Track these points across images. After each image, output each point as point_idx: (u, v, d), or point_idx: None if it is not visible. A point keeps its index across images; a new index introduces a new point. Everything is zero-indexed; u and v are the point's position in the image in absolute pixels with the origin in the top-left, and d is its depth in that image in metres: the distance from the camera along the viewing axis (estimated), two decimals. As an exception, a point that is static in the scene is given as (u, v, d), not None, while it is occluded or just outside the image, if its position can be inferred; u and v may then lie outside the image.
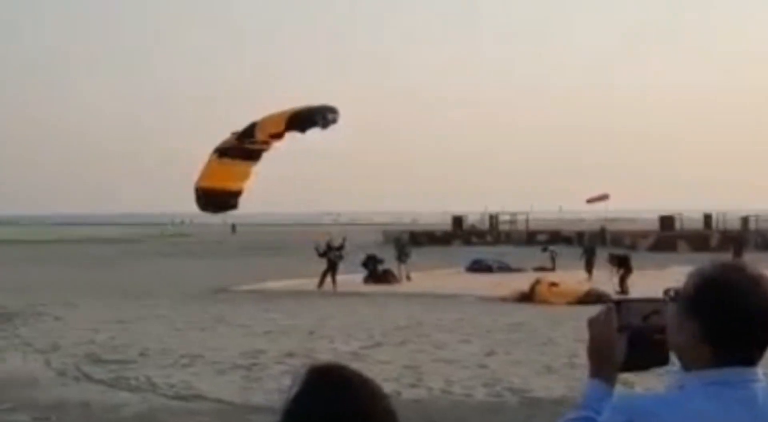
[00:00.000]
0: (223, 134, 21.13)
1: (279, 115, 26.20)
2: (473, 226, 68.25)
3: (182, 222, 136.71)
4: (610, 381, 2.11)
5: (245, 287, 29.57)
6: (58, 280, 33.62)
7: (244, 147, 27.09)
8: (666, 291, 2.11)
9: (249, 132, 27.37)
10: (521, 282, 28.03)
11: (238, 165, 27.46)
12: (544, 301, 23.85)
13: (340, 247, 30.11)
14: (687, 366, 2.03)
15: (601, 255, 31.39)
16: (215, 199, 27.26)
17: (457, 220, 66.70)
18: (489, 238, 61.75)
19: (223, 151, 27.32)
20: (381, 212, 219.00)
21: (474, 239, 61.32)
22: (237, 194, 27.79)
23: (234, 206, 27.71)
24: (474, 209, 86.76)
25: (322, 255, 29.92)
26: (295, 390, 1.73)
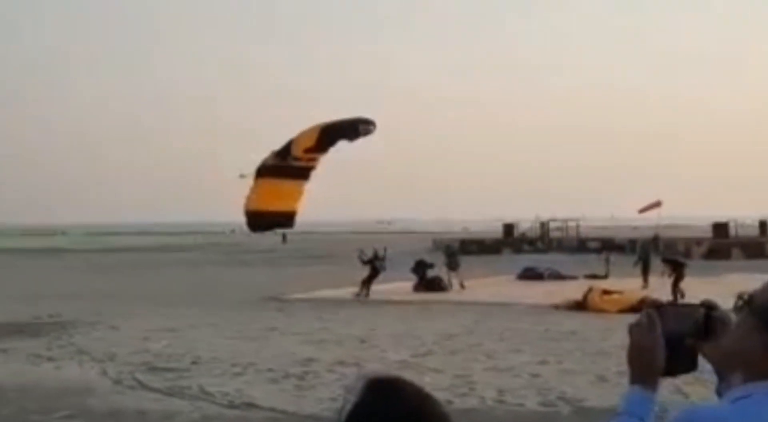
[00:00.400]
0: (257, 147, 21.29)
1: (312, 130, 26.54)
2: (524, 234, 67.89)
3: (233, 231, 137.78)
4: (652, 387, 2.08)
5: (297, 295, 29.71)
6: (112, 289, 34.06)
7: (289, 165, 27.45)
8: (739, 296, 2.07)
9: (286, 149, 27.77)
10: (573, 289, 27.82)
11: (286, 184, 27.79)
12: (597, 309, 23.63)
13: (383, 258, 30.30)
14: (751, 376, 1.99)
15: (655, 262, 31.08)
16: (266, 220, 27.60)
17: (508, 228, 66.40)
18: (540, 246, 61.39)
19: (266, 171, 27.64)
20: (432, 220, 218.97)
21: (525, 247, 61.01)
22: (290, 215, 28.15)
23: (287, 226, 28.01)
24: (525, 216, 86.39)
25: (366, 263, 30.07)
26: (352, 401, 1.74)
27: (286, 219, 27.45)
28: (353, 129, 27.22)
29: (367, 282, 29.59)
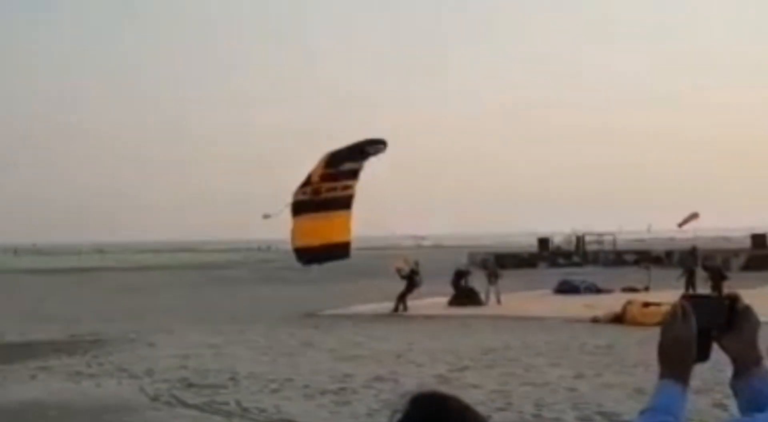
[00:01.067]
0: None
1: (321, 159, 27.24)
2: (559, 247, 67.60)
3: (268, 248, 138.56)
4: (684, 381, 2.00)
5: (333, 311, 29.75)
6: (150, 307, 34.29)
7: (326, 198, 27.90)
8: None
9: (307, 180, 28.37)
10: (610, 303, 27.63)
11: (331, 217, 28.26)
12: (636, 322, 23.44)
13: (418, 271, 30.35)
14: None
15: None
16: (319, 254, 28.01)
17: (543, 242, 66.15)
18: (576, 259, 61.07)
19: (303, 207, 28.10)
20: (465, 235, 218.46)
21: (560, 260, 60.73)
22: (344, 246, 28.54)
23: (343, 257, 28.35)
24: (559, 229, 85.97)
25: (405, 277, 30.06)
26: (397, 418, 1.76)
27: (340, 250, 27.83)
28: (360, 151, 27.73)
29: (403, 297, 29.59)
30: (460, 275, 32.30)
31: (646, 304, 25.05)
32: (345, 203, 28.19)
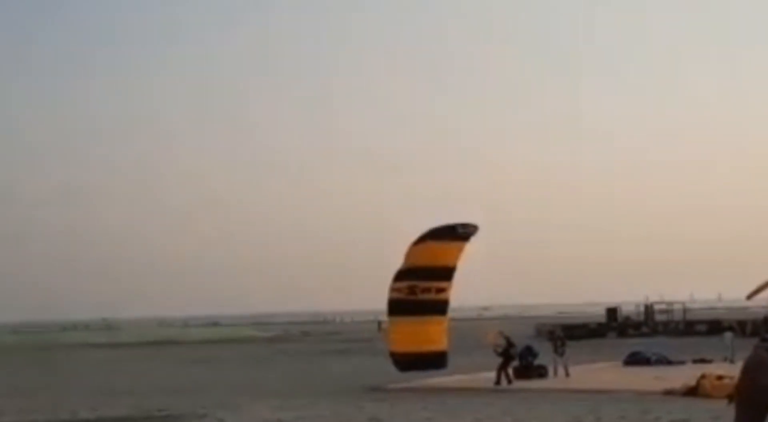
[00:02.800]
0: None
1: (413, 246, 27.96)
2: (628, 318, 66.63)
3: (335, 321, 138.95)
4: None
5: (400, 385, 29.58)
6: (218, 381, 34.47)
7: (422, 300, 28.42)
8: None
9: (402, 274, 28.90)
10: (681, 375, 27.12)
11: (428, 323, 28.80)
12: (709, 396, 22.96)
13: (513, 344, 30.28)
14: None
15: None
16: (417, 361, 28.41)
17: (611, 312, 65.30)
18: (645, 329, 60.13)
19: (400, 309, 28.67)
20: (531, 305, 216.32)
21: (629, 331, 59.82)
22: (440, 354, 28.94)
23: (440, 366, 28.62)
24: (628, 298, 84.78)
25: (501, 353, 29.76)
26: None
27: (437, 358, 28.23)
28: (451, 231, 28.31)
29: (503, 369, 29.19)
30: (528, 352, 31.62)
31: (720, 377, 24.53)
32: (441, 308, 28.85)
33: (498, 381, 28.76)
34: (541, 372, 30.66)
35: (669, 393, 24.31)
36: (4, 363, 56.61)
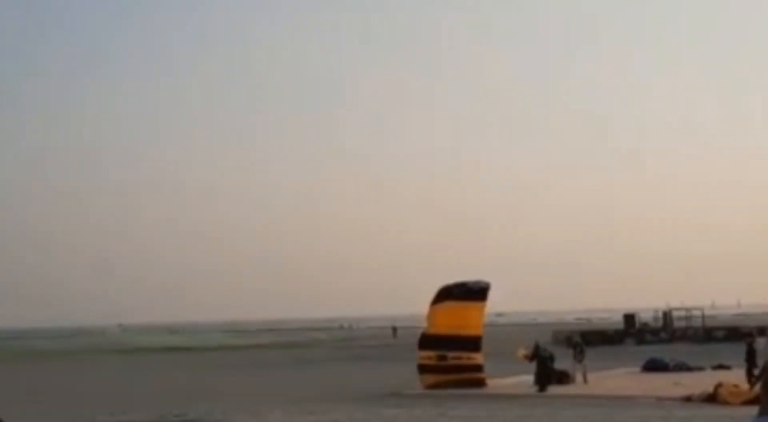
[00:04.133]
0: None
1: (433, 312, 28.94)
2: (646, 324, 66.31)
3: (350, 327, 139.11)
4: None
5: (416, 391, 29.51)
6: (234, 387, 34.45)
7: (450, 365, 29.34)
8: None
9: (430, 342, 29.79)
10: (700, 381, 26.95)
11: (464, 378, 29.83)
12: (726, 403, 22.83)
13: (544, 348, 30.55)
14: None
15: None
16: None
17: (629, 318, 65.00)
18: (663, 336, 59.78)
19: (430, 370, 29.58)
20: (543, 311, 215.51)
21: (648, 337, 59.52)
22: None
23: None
24: (646, 305, 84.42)
25: (532, 359, 29.80)
26: None
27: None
28: (467, 290, 29.32)
29: (542, 376, 29.17)
30: (539, 353, 31.36)
31: (736, 386, 24.40)
32: (474, 368, 29.44)
33: (542, 389, 28.68)
34: (561, 378, 30.40)
35: (688, 399, 24.15)
36: (21, 369, 56.81)
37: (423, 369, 30.42)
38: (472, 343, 29.86)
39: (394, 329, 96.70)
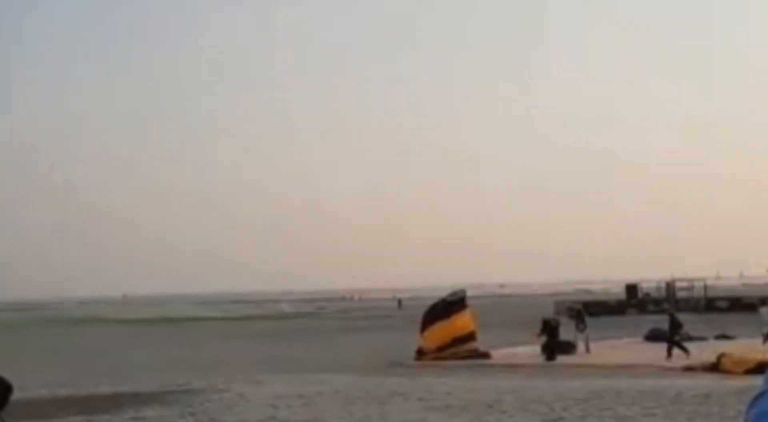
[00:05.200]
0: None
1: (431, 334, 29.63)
2: (648, 294, 66.39)
3: (352, 298, 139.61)
4: None
5: (420, 360, 29.58)
6: (238, 357, 34.57)
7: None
8: None
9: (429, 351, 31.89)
10: (701, 350, 26.99)
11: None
12: (729, 372, 22.88)
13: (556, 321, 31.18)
14: None
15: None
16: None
17: (631, 289, 65.07)
18: (665, 306, 59.84)
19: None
20: (548, 282, 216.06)
21: (650, 307, 59.61)
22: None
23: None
24: (649, 276, 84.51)
25: (543, 332, 30.13)
26: None
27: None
28: (444, 307, 30.33)
29: (550, 347, 29.55)
30: (549, 326, 31.35)
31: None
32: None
33: (551, 357, 29.00)
34: (565, 348, 30.41)
35: (689, 369, 24.19)
36: (24, 339, 57.06)
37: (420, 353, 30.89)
38: (470, 336, 31.12)
39: (399, 301, 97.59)
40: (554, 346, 29.72)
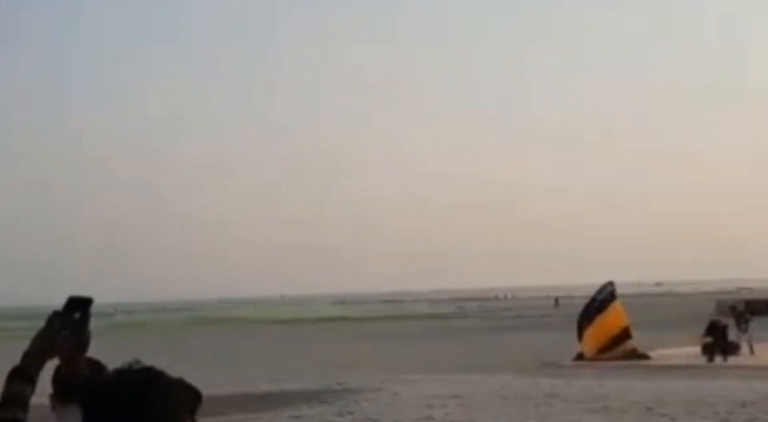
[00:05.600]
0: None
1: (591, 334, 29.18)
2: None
3: (505, 297, 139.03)
4: None
5: (576, 361, 29.16)
6: (388, 356, 34.88)
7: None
8: None
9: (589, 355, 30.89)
10: None
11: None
12: None
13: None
14: None
15: None
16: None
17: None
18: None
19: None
20: (709, 281, 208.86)
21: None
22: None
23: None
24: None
25: (709, 333, 29.41)
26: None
27: None
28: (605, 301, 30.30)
29: (712, 347, 28.96)
30: (715, 328, 30.09)
31: None
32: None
33: (711, 358, 28.43)
34: (729, 349, 29.25)
35: None
36: (184, 338, 59.12)
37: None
38: (624, 334, 30.95)
39: (556, 299, 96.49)
40: (725, 348, 28.74)
